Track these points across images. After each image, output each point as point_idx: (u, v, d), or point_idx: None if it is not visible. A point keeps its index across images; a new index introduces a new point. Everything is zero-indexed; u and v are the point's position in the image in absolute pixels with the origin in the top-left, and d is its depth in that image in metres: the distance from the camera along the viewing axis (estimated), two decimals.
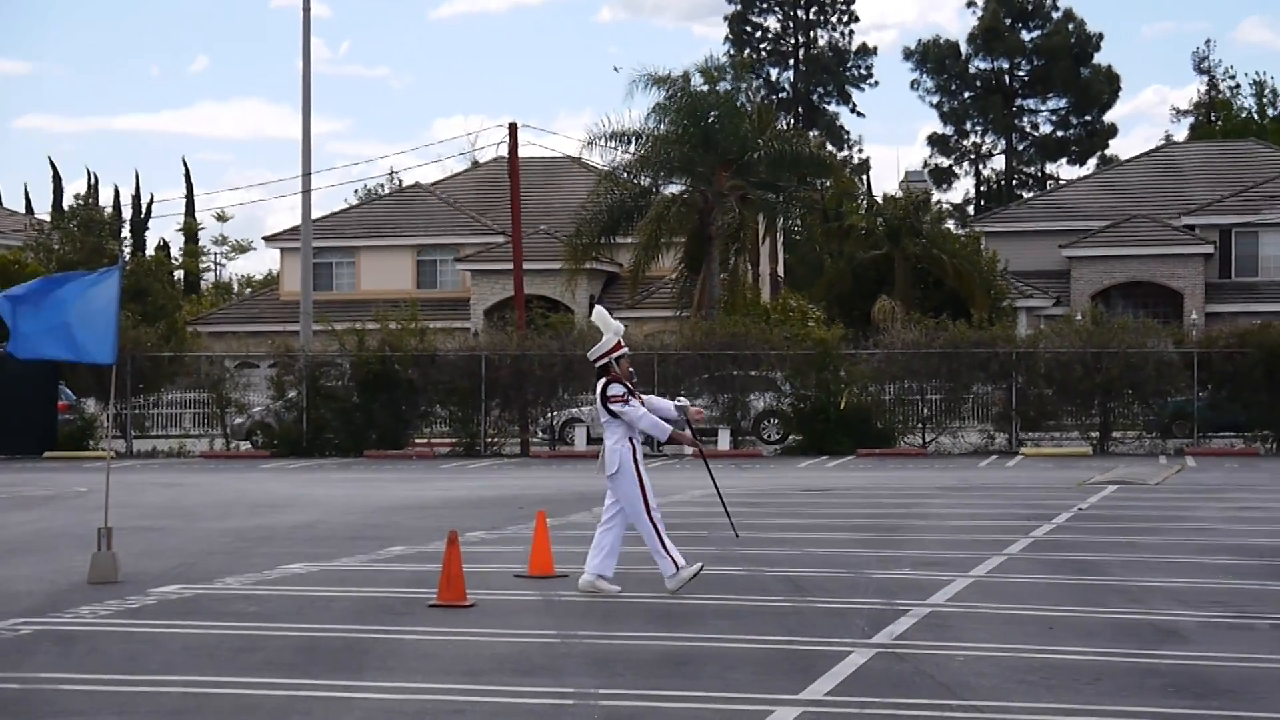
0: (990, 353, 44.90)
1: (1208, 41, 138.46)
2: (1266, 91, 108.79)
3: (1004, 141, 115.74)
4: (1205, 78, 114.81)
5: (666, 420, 16.92)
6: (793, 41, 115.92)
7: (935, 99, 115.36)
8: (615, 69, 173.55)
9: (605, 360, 16.93)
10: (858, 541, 21.67)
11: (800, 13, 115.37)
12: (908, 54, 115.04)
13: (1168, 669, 12.76)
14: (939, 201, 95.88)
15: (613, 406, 16.69)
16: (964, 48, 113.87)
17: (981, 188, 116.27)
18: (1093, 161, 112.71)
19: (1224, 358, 44.33)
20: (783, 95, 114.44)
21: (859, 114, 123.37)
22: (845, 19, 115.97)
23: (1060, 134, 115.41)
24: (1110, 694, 11.85)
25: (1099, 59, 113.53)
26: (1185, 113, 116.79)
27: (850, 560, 19.50)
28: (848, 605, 15.97)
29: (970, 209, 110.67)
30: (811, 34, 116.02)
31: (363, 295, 72.72)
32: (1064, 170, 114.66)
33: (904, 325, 48.47)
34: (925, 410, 46.44)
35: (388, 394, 46.71)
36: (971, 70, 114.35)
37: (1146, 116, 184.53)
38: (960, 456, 43.41)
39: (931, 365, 45.26)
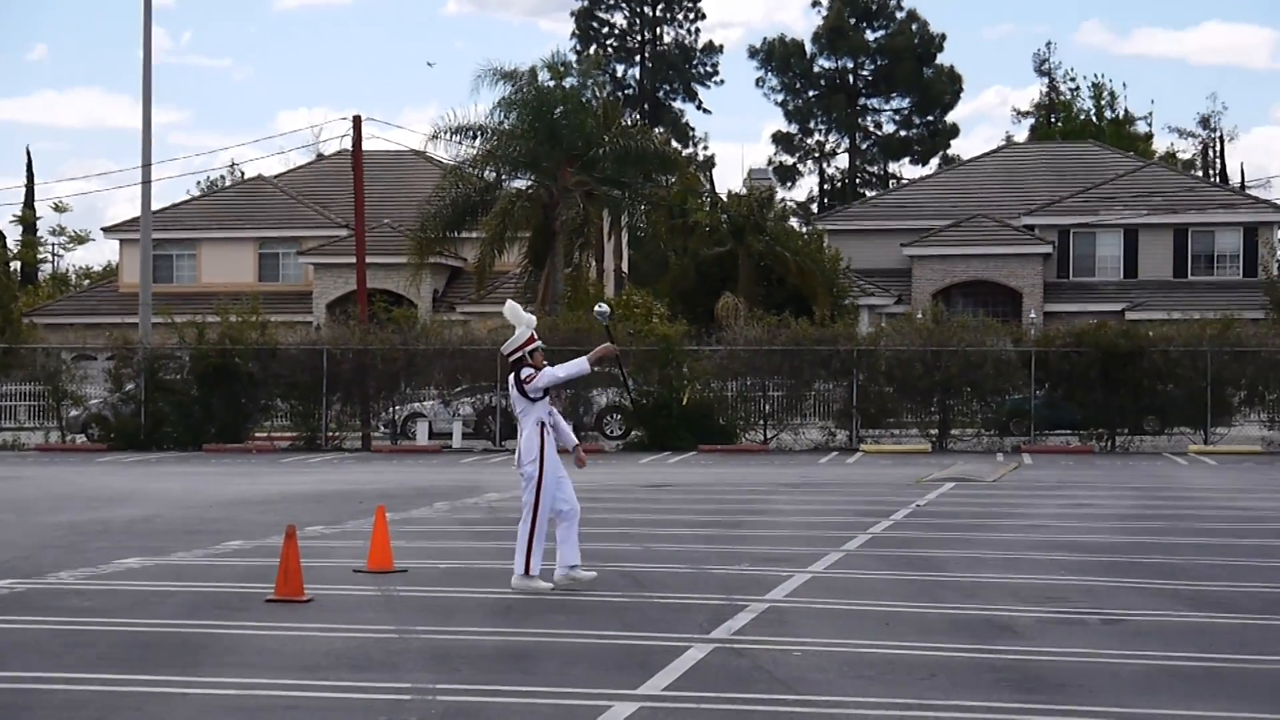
0: (832, 350, 45.21)
1: (1048, 44, 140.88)
2: (1105, 94, 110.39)
3: (848, 140, 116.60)
4: (1045, 79, 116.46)
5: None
6: (639, 38, 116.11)
7: (780, 97, 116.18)
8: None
9: (519, 354, 16.92)
10: (698, 537, 21.73)
11: (647, 9, 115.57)
12: (753, 52, 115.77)
13: (1002, 664, 12.89)
14: (783, 199, 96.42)
15: (529, 387, 16.69)
16: (809, 47, 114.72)
17: (825, 186, 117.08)
18: (935, 161, 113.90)
19: (1061, 357, 44.93)
20: (629, 92, 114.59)
21: (705, 111, 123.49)
22: (691, 16, 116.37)
23: (903, 133, 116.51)
24: (945, 688, 11.96)
25: (942, 59, 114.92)
26: (1026, 114, 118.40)
27: (691, 556, 19.55)
28: (687, 601, 16.00)
29: (814, 207, 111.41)
30: (658, 31, 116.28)
31: (203, 288, 71.98)
32: (907, 169, 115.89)
33: (747, 322, 48.72)
34: (767, 407, 46.69)
35: (227, 387, 46.27)
36: (816, 69, 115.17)
37: (988, 117, 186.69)
38: (801, 453, 43.67)
39: (774, 362, 45.51)
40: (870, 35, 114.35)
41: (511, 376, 16.98)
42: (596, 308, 17.83)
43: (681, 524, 23.85)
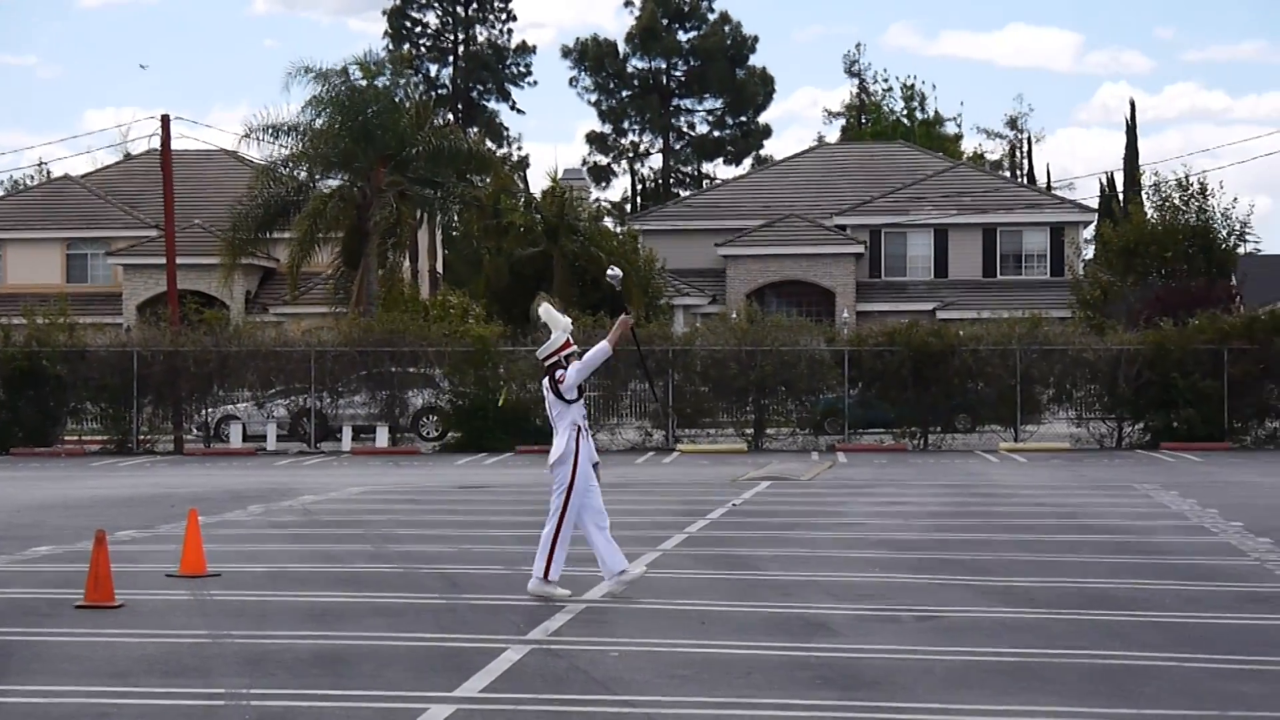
0: (647, 350, 45.31)
1: (858, 45, 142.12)
2: (915, 95, 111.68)
3: (661, 140, 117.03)
4: (856, 81, 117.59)
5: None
6: (452, 38, 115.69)
7: (594, 97, 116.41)
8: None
9: (555, 359, 16.51)
10: (515, 538, 21.66)
11: (459, 9, 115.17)
12: (566, 52, 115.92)
13: (817, 661, 12.99)
14: (597, 199, 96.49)
15: (563, 387, 16.20)
16: (622, 47, 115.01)
17: (639, 186, 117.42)
18: (748, 161, 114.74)
19: (873, 356, 45.40)
20: (443, 92, 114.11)
21: (519, 111, 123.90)
22: (504, 17, 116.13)
23: (716, 134, 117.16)
24: (761, 687, 12.03)
25: (754, 60, 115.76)
26: (837, 115, 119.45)
27: (507, 557, 19.50)
28: (504, 602, 15.97)
29: (628, 207, 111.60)
30: (471, 31, 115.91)
31: (9, 289, 70.74)
32: (720, 170, 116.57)
33: None
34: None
35: (35, 390, 45.50)
36: (629, 70, 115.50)
37: (800, 118, 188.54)
38: (618, 453, 43.72)
39: None
40: (683, 36, 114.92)
41: (546, 380, 16.52)
42: (609, 271, 17.38)
43: (498, 525, 23.80)
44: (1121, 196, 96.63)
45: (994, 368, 45.19)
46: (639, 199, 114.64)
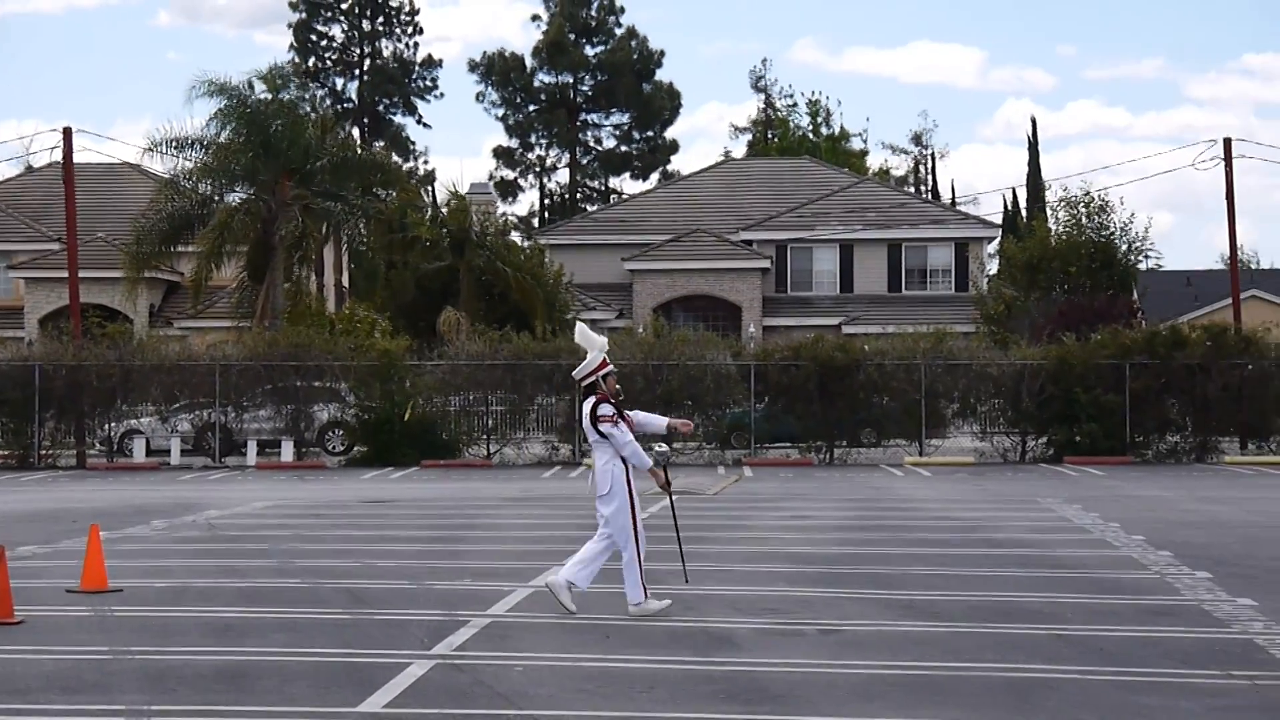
0: (554, 365, 45.25)
1: (764, 61, 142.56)
2: (820, 111, 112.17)
3: (568, 155, 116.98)
4: (762, 96, 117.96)
5: (656, 436, 16.40)
6: (358, 51, 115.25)
7: (501, 112, 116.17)
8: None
9: (593, 379, 16.43)
10: (420, 553, 21.61)
11: (365, 23, 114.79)
12: (473, 66, 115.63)
13: (721, 675, 13.00)
14: (504, 214, 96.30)
15: (603, 427, 16.12)
16: (529, 61, 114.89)
17: (546, 201, 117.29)
18: (655, 176, 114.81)
19: (780, 370, 45.51)
20: (349, 105, 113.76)
21: (425, 125, 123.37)
22: (410, 30, 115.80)
23: (623, 149, 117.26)
24: (664, 701, 12.03)
25: (661, 75, 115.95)
26: (744, 130, 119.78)
27: (412, 572, 19.43)
28: (408, 617, 15.91)
29: (535, 221, 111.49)
30: (377, 44, 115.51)
31: None
32: (627, 184, 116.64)
33: (469, 337, 48.64)
34: (490, 422, 46.64)
35: None
36: (536, 84, 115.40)
37: (706, 133, 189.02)
38: (524, 468, 43.66)
39: (495, 377, 45.49)
40: (590, 51, 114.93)
41: (587, 406, 16.40)
42: (656, 448, 17.13)
43: (403, 539, 23.70)
44: (1025, 212, 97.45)
45: (899, 382, 45.41)
46: (546, 213, 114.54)
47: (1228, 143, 52.76)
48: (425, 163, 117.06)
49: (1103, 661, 13.60)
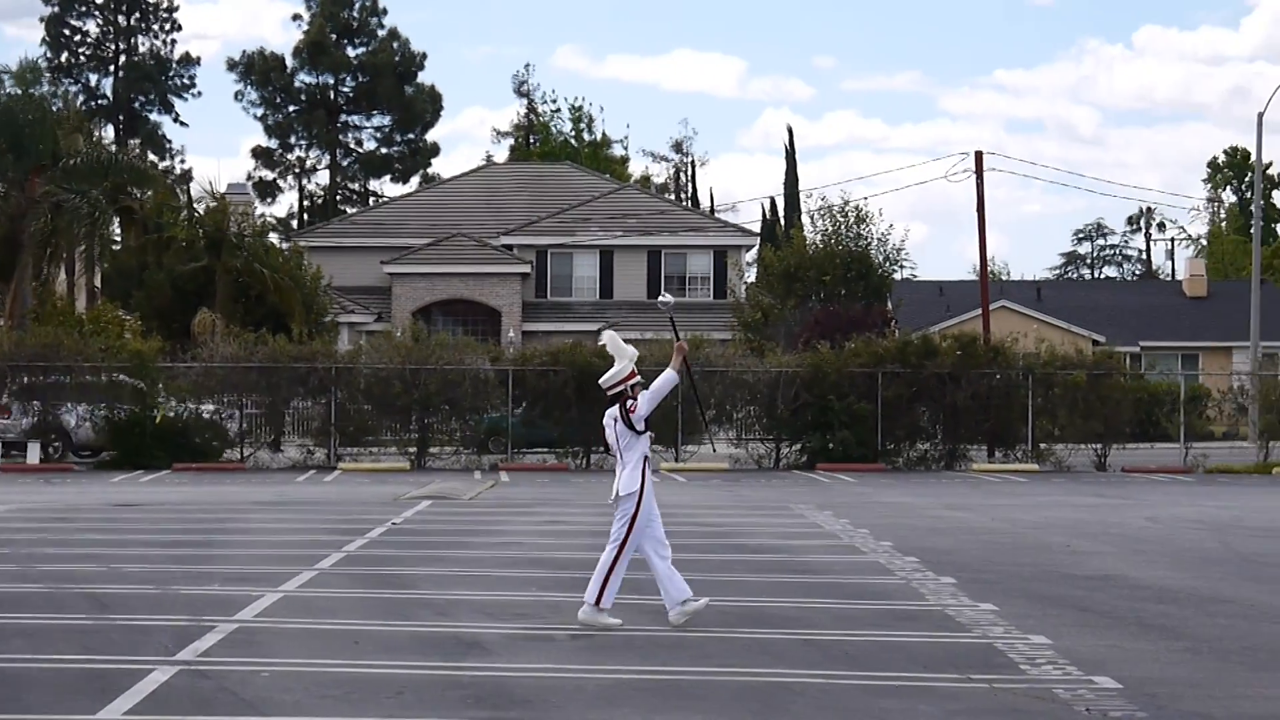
0: (310, 368, 44.87)
1: (526, 66, 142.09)
2: (583, 117, 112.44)
3: (329, 156, 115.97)
4: (525, 101, 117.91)
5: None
6: (113, 48, 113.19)
7: (260, 112, 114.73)
8: None
9: (621, 388, 16.11)
10: (168, 557, 21.27)
11: (121, 18, 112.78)
12: (232, 65, 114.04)
13: (470, 680, 12.97)
14: (262, 215, 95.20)
15: (635, 416, 15.92)
16: (289, 61, 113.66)
17: (306, 202, 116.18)
18: (416, 179, 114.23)
19: (538, 375, 45.51)
20: (104, 102, 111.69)
21: (182, 124, 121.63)
22: (168, 27, 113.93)
23: (384, 151, 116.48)
24: (412, 706, 11.98)
25: (423, 78, 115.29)
26: (506, 134, 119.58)
27: (159, 576, 19.12)
28: (153, 622, 15.65)
29: (294, 223, 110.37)
30: (133, 40, 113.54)
31: None
32: (388, 187, 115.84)
33: (224, 339, 47.98)
34: (244, 424, 46.08)
35: None
36: (297, 84, 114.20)
37: (468, 137, 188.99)
38: (279, 471, 43.19)
39: (251, 380, 44.96)
40: (352, 52, 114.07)
41: (614, 411, 16.12)
42: (660, 297, 16.92)
43: (151, 544, 23.31)
44: (783, 221, 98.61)
45: None
46: (305, 215, 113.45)
47: (979, 156, 53.80)
48: (182, 162, 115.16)
49: (847, 666, 13.79)
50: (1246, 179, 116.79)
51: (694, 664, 13.75)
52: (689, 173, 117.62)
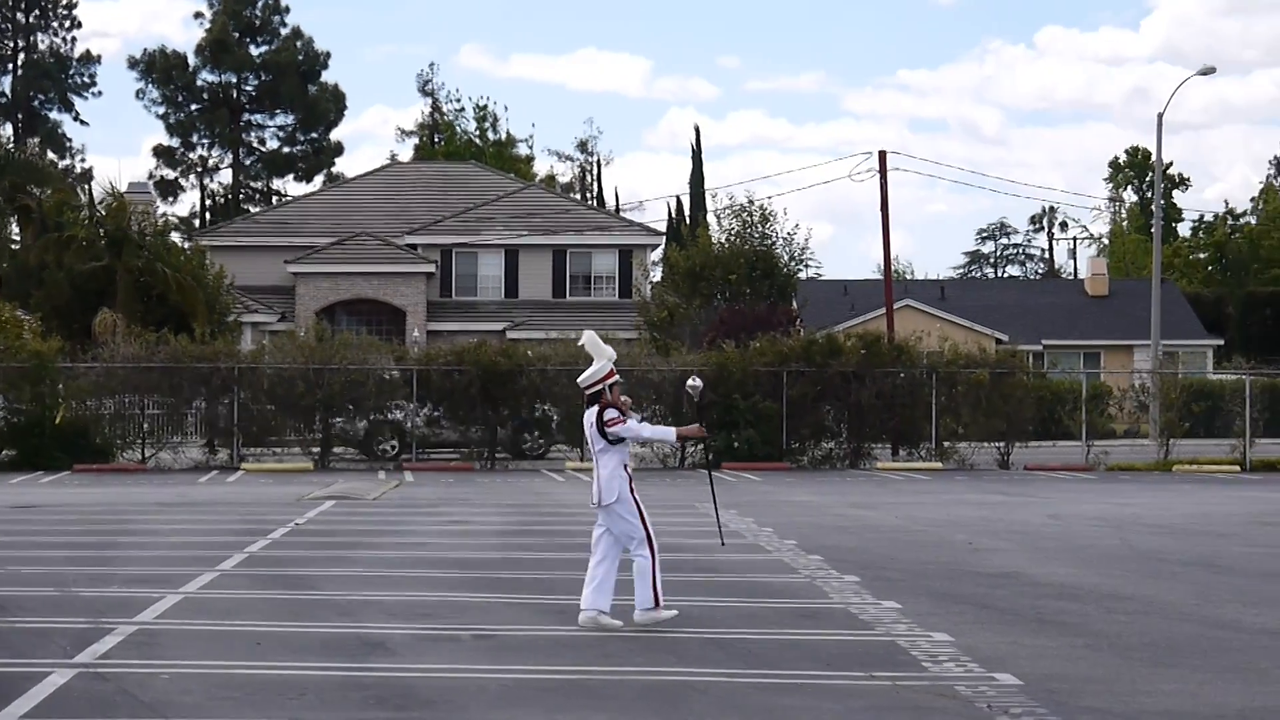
0: (213, 368, 44.57)
1: (431, 65, 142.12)
2: (488, 116, 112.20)
3: (231, 155, 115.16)
4: (429, 100, 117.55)
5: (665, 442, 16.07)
6: (12, 45, 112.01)
7: (161, 110, 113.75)
8: None
9: (599, 388, 15.90)
10: (68, 559, 21.08)
11: (20, 15, 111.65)
12: (133, 63, 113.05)
13: (373, 681, 12.92)
14: (164, 214, 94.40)
15: (611, 430, 15.68)
16: (192, 59, 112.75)
17: (208, 201, 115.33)
18: (319, 179, 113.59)
19: (443, 375, 45.39)
20: (2, 100, 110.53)
21: (83, 122, 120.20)
22: (67, 24, 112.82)
23: (287, 150, 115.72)
24: (314, 708, 11.91)
25: (326, 77, 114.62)
26: (410, 134, 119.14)
27: (58, 578, 18.94)
28: (51, 625, 15.50)
29: (196, 222, 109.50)
30: (32, 38, 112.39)
31: None
32: (291, 186, 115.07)
33: (125, 339, 47.57)
34: (146, 425, 45.72)
35: None
36: (199, 83, 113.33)
37: (372, 136, 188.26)
38: (181, 472, 42.87)
39: (152, 380, 44.61)
40: (255, 50, 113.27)
41: (591, 413, 15.92)
42: (690, 382, 16.86)
43: (50, 545, 23.11)
44: (688, 220, 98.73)
45: (562, 388, 45.54)
46: (208, 214, 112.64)
47: (882, 155, 54.06)
48: (83, 160, 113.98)
49: (751, 664, 13.82)
50: (1147, 179, 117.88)
51: (597, 663, 13.75)
52: (594, 172, 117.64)
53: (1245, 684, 13.19)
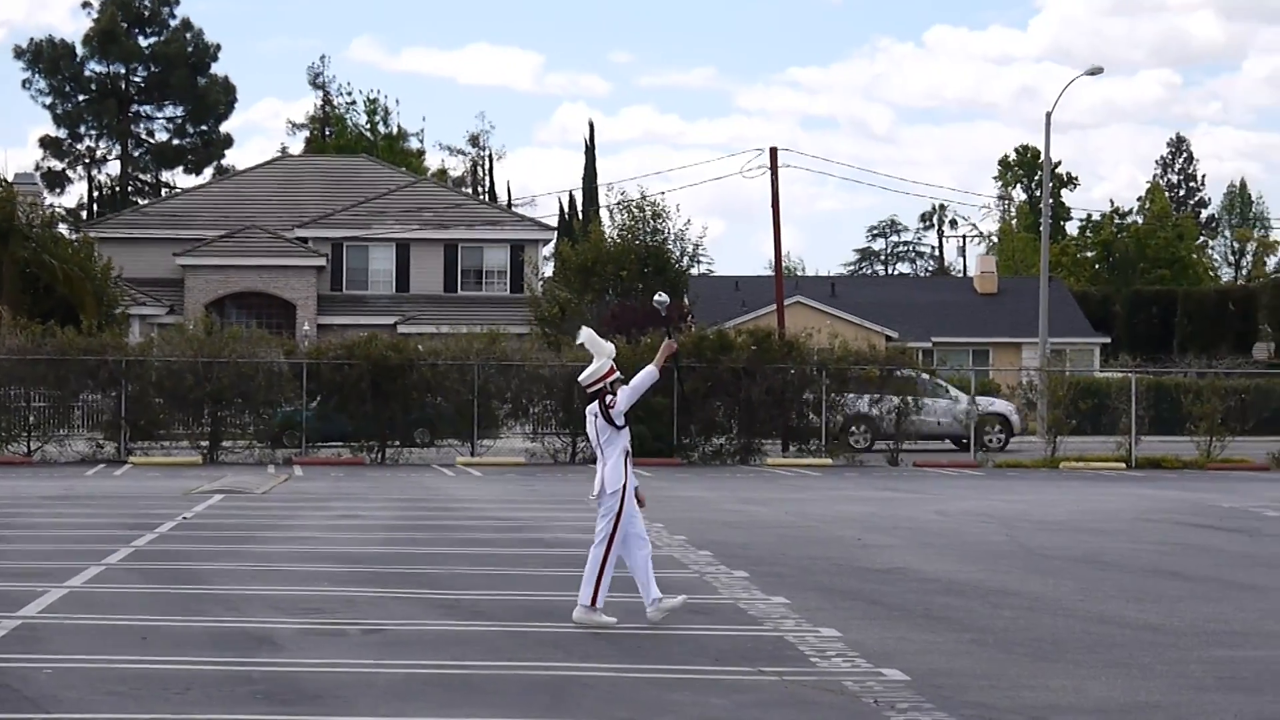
0: (100, 360, 44.17)
1: (322, 57, 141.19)
2: (379, 109, 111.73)
3: (120, 147, 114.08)
4: (320, 93, 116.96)
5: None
6: None
7: (48, 100, 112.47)
8: None
9: (599, 386, 15.77)
10: None
11: None
12: (19, 53, 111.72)
13: (259, 675, 12.86)
14: (51, 205, 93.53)
15: (614, 411, 15.63)
16: (79, 49, 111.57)
17: (96, 193, 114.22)
18: (209, 171, 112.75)
19: (333, 369, 45.20)
20: None
21: None
22: None
23: (177, 142, 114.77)
24: (199, 703, 11.84)
25: (216, 69, 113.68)
26: (301, 126, 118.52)
27: None
28: None
29: (84, 214, 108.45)
30: None
31: None
32: (180, 178, 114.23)
33: (10, 331, 47.05)
34: (31, 418, 45.27)
35: None
36: (87, 73, 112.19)
37: (262, 129, 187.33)
38: (67, 465, 42.46)
39: (38, 372, 44.18)
40: (144, 41, 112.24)
41: (594, 406, 15.79)
42: (657, 296, 16.91)
43: None
44: (581, 215, 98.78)
45: (452, 382, 45.49)
46: (96, 206, 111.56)
47: (773, 152, 54.32)
48: None
49: (639, 659, 13.85)
50: (1036, 177, 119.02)
51: (485, 658, 13.74)
52: (486, 166, 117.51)
53: (1128, 679, 13.34)
